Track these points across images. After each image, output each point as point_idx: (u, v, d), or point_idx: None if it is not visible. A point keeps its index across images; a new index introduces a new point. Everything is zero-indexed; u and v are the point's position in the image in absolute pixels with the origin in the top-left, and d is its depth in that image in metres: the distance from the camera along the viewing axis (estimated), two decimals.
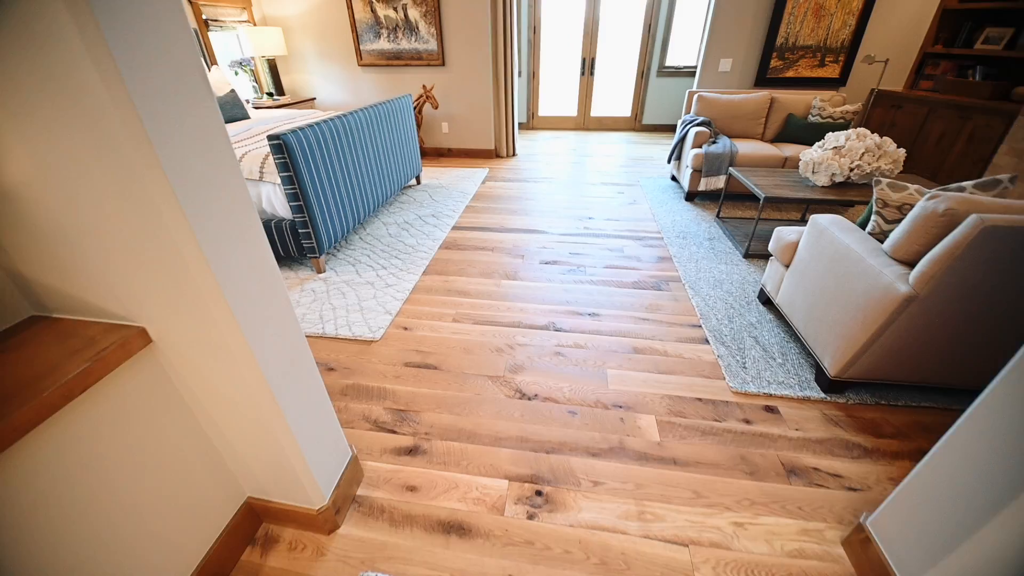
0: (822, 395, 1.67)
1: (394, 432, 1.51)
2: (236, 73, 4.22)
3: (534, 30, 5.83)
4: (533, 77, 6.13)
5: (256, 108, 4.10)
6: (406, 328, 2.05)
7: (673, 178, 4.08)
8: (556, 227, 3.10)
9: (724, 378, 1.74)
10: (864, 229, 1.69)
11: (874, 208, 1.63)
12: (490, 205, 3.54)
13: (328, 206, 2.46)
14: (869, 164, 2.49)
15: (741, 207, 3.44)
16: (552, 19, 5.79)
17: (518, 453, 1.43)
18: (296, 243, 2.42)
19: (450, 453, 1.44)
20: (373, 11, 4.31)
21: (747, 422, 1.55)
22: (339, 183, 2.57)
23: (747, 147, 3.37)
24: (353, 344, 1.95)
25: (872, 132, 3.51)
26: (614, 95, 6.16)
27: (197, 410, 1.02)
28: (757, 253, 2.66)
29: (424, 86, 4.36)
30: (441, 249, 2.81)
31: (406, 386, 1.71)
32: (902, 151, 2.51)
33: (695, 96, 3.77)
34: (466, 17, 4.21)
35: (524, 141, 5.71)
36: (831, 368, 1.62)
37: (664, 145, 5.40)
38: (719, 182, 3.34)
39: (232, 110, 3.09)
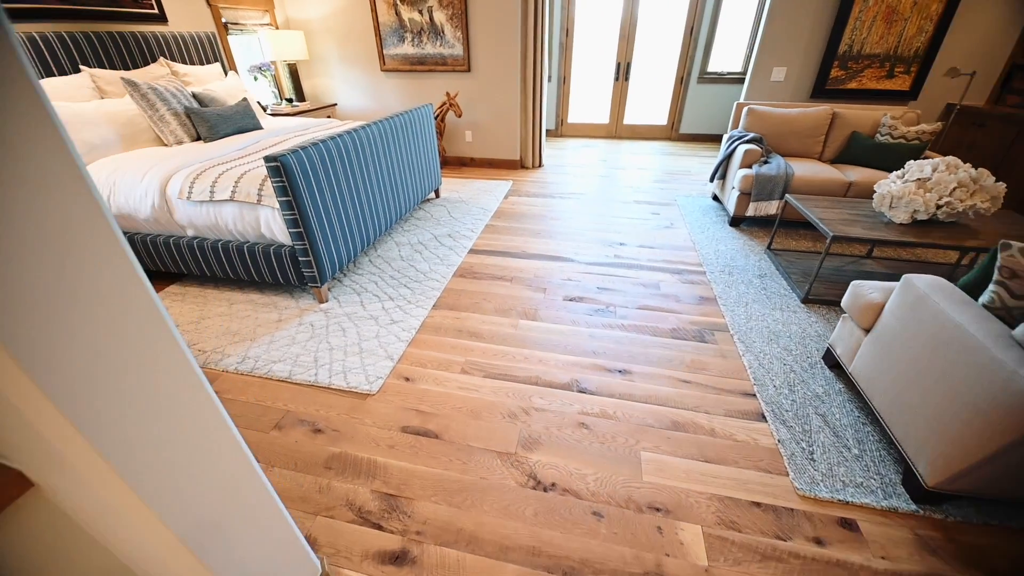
0: (913, 507, 1.32)
1: (380, 528, 1.26)
2: (255, 79, 4.08)
3: (567, 32, 5.52)
4: (564, 82, 5.82)
5: (273, 115, 3.95)
6: (407, 379, 1.80)
7: (715, 198, 3.70)
8: (583, 254, 2.79)
9: (788, 473, 1.41)
10: (977, 300, 1.33)
11: (996, 276, 1.27)
12: (512, 224, 3.26)
13: (333, 231, 2.24)
14: (961, 201, 2.09)
15: (795, 236, 3.06)
16: (586, 20, 5.47)
17: (528, 573, 1.15)
18: (296, 272, 2.21)
19: (445, 566, 1.17)
20: (398, 14, 4.10)
21: (819, 542, 1.22)
22: (347, 205, 2.34)
23: (804, 168, 2.98)
24: (346, 398, 1.71)
25: (947, 155, 3.06)
26: (649, 102, 5.78)
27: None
28: (820, 298, 2.29)
29: (448, 93, 4.12)
30: (455, 277, 2.56)
31: (400, 460, 1.46)
32: (1001, 186, 2.10)
33: (744, 109, 3.39)
34: (494, 20, 3.94)
35: (552, 150, 5.42)
36: (928, 476, 1.27)
37: (703, 157, 5.00)
38: (771, 208, 2.96)
39: (242, 120, 2.92)
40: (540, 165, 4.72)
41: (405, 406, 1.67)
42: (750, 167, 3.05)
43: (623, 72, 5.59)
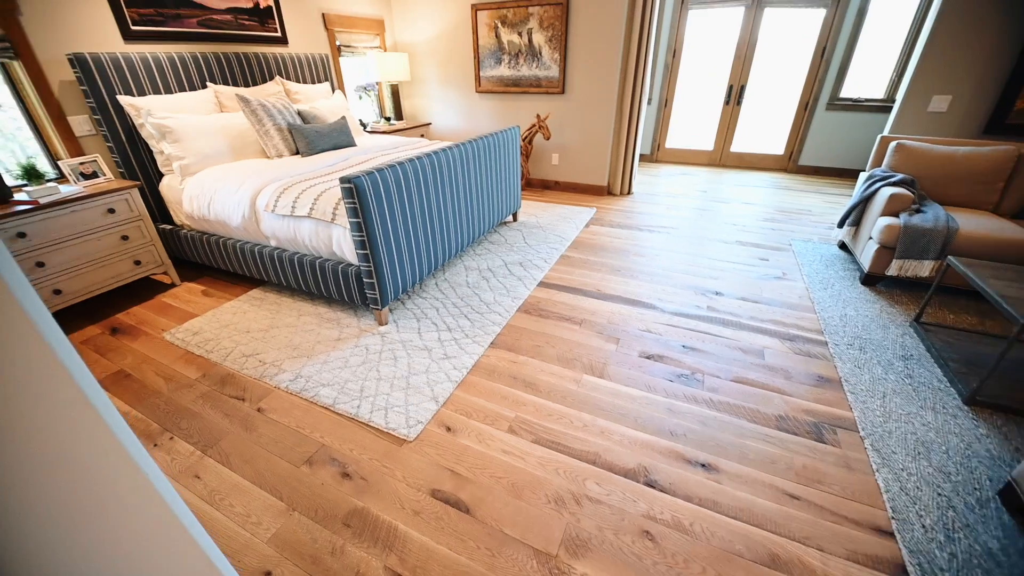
0: None
1: None
2: (360, 97, 4.33)
3: (673, 53, 5.16)
4: (665, 105, 5.44)
5: (371, 132, 4.14)
6: (449, 428, 1.61)
7: (844, 247, 3.08)
8: (669, 301, 2.43)
9: None
10: None
11: None
12: (589, 257, 2.99)
13: (400, 254, 2.17)
14: None
15: (956, 308, 2.38)
16: (697, 41, 5.07)
17: None
18: (360, 292, 2.17)
19: None
20: (497, 36, 4.10)
21: None
22: (418, 227, 2.27)
23: (973, 223, 2.33)
24: (382, 440, 1.57)
25: None
26: (764, 128, 5.16)
27: None
28: (994, 401, 1.70)
29: (538, 115, 4.00)
30: (519, 313, 2.35)
31: (423, 533, 1.26)
32: None
33: (891, 144, 2.78)
34: (595, 42, 3.75)
35: (644, 176, 5.04)
36: None
37: (828, 196, 4.29)
38: (922, 269, 2.35)
39: (337, 137, 3.04)
40: (629, 192, 4.39)
41: (440, 462, 1.48)
42: (896, 215, 2.46)
43: (735, 95, 5.07)
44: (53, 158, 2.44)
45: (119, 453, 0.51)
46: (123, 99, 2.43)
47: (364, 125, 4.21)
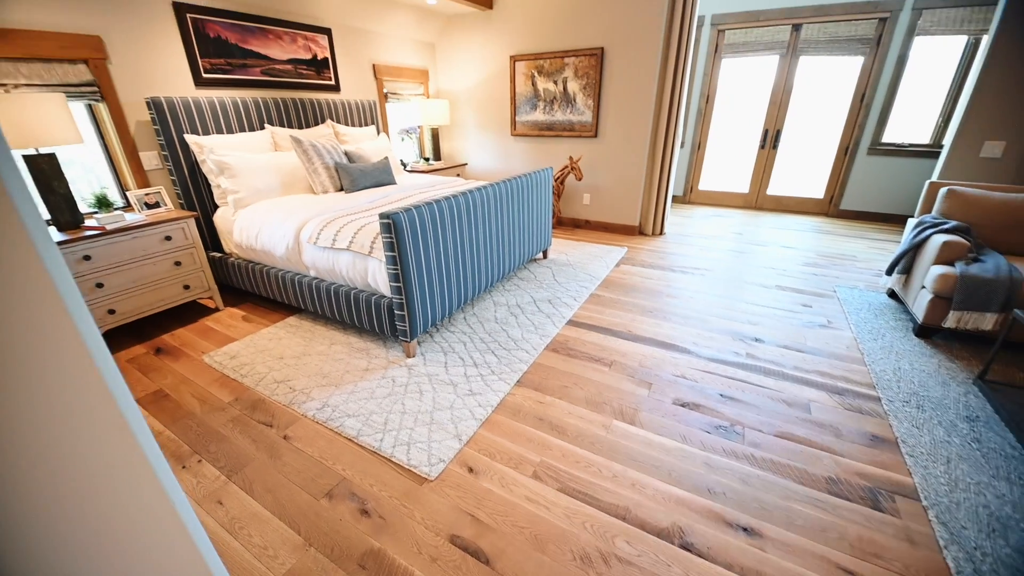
0: None
1: None
2: (402, 139, 4.58)
3: (707, 99, 5.23)
4: (698, 148, 5.47)
5: (411, 171, 4.34)
6: (471, 470, 1.56)
7: (893, 295, 2.91)
8: (704, 346, 2.33)
9: None
10: None
11: None
12: (620, 297, 2.94)
13: (431, 288, 2.21)
14: None
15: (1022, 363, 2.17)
16: (731, 87, 5.14)
17: None
18: (391, 323, 2.20)
19: None
20: (534, 84, 4.29)
21: None
22: (450, 263, 2.31)
23: None
24: (403, 478, 1.54)
25: None
26: (802, 172, 5.08)
27: None
28: None
29: (571, 157, 4.10)
30: (547, 351, 2.31)
31: None
32: None
33: (942, 190, 2.66)
34: (629, 89, 3.86)
35: (677, 217, 5.01)
36: None
37: (874, 241, 4.11)
38: (984, 321, 2.17)
39: (379, 176, 3.20)
40: (662, 233, 4.36)
41: (461, 506, 1.42)
42: (951, 263, 2.32)
43: (771, 139, 5.05)
44: (123, 188, 2.66)
45: (150, 480, 0.51)
46: (190, 138, 2.66)
47: (404, 164, 4.43)
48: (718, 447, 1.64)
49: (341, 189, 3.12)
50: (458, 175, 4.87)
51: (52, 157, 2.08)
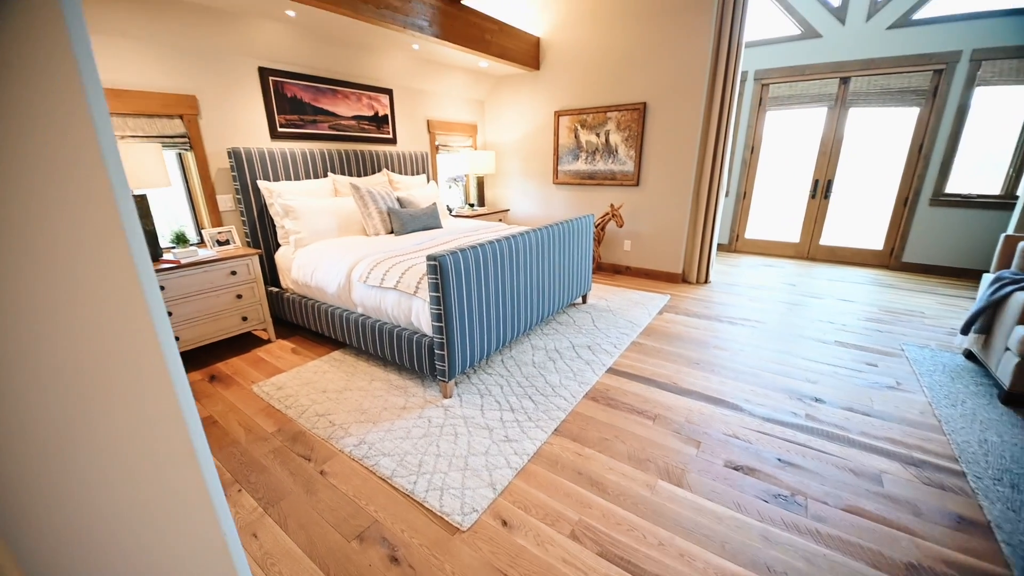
0: None
1: None
2: (449, 186, 4.83)
3: (751, 150, 5.21)
4: (744, 197, 5.40)
5: (456, 216, 4.53)
6: (505, 523, 1.49)
7: (970, 356, 2.64)
8: (758, 403, 2.18)
9: None
10: None
11: None
12: (663, 347, 2.84)
13: (471, 329, 2.23)
14: None
15: None
16: (776, 138, 5.10)
17: None
18: (430, 362, 2.22)
19: None
20: (576, 137, 4.46)
21: None
22: (491, 305, 2.34)
23: None
24: (434, 525, 1.49)
25: None
26: (857, 222, 4.87)
27: None
28: None
29: (612, 205, 4.15)
30: (586, 399, 2.23)
31: None
32: None
33: (1022, 244, 2.46)
34: (671, 140, 3.93)
35: (722, 266, 4.87)
36: None
37: (944, 297, 3.80)
38: None
39: (427, 220, 3.37)
40: (706, 281, 4.24)
41: (493, 562, 1.35)
42: None
43: (821, 189, 4.91)
44: (198, 226, 2.94)
45: (206, 509, 0.52)
46: (262, 183, 2.92)
47: (450, 210, 4.63)
48: (777, 519, 1.49)
49: (391, 232, 3.29)
50: (500, 220, 5.02)
51: (143, 198, 2.34)
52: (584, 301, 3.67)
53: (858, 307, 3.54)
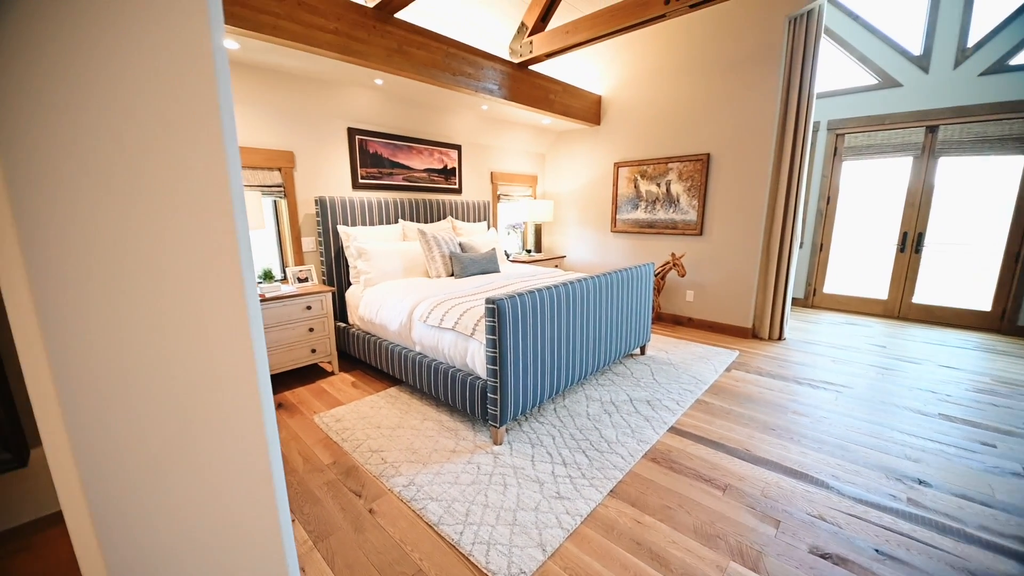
0: None
1: None
2: (508, 233, 4.99)
3: (827, 200, 4.93)
4: (820, 249, 5.04)
5: (513, 261, 4.63)
6: None
7: None
8: (848, 481, 1.91)
9: None
10: None
11: None
12: (733, 407, 2.61)
13: (525, 374, 2.20)
14: None
15: None
16: (855, 189, 4.80)
17: None
18: (482, 405, 2.20)
19: None
20: (636, 187, 4.48)
21: None
22: (546, 350, 2.31)
23: None
24: None
25: None
26: (957, 279, 4.34)
27: None
28: None
29: (673, 254, 4.04)
30: (645, 459, 2.08)
31: None
32: None
33: None
34: (737, 190, 3.83)
35: (798, 322, 4.50)
36: None
37: None
38: None
39: (486, 264, 3.48)
40: (780, 338, 3.92)
41: None
42: None
43: (911, 242, 4.47)
44: (283, 264, 3.24)
45: (275, 542, 0.54)
46: (341, 228, 3.20)
47: (508, 255, 4.76)
48: None
49: (452, 274, 3.43)
50: (556, 266, 5.06)
51: None
52: (643, 352, 3.52)
53: (965, 375, 3.08)
